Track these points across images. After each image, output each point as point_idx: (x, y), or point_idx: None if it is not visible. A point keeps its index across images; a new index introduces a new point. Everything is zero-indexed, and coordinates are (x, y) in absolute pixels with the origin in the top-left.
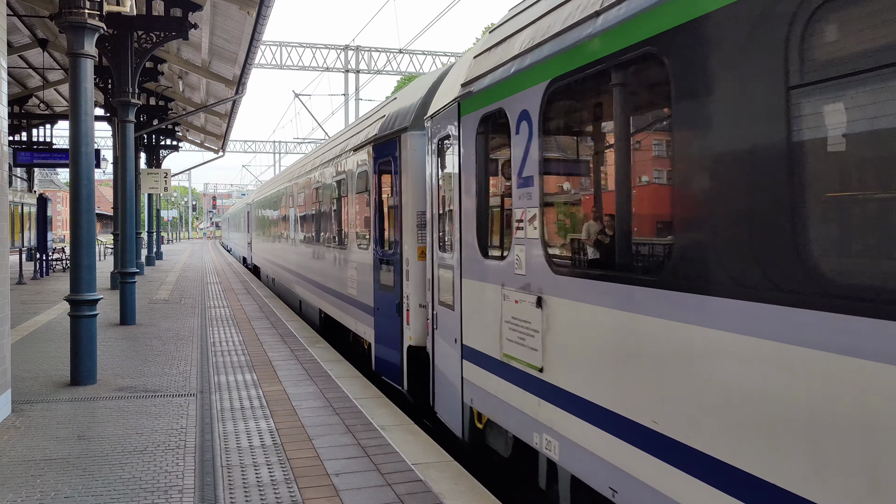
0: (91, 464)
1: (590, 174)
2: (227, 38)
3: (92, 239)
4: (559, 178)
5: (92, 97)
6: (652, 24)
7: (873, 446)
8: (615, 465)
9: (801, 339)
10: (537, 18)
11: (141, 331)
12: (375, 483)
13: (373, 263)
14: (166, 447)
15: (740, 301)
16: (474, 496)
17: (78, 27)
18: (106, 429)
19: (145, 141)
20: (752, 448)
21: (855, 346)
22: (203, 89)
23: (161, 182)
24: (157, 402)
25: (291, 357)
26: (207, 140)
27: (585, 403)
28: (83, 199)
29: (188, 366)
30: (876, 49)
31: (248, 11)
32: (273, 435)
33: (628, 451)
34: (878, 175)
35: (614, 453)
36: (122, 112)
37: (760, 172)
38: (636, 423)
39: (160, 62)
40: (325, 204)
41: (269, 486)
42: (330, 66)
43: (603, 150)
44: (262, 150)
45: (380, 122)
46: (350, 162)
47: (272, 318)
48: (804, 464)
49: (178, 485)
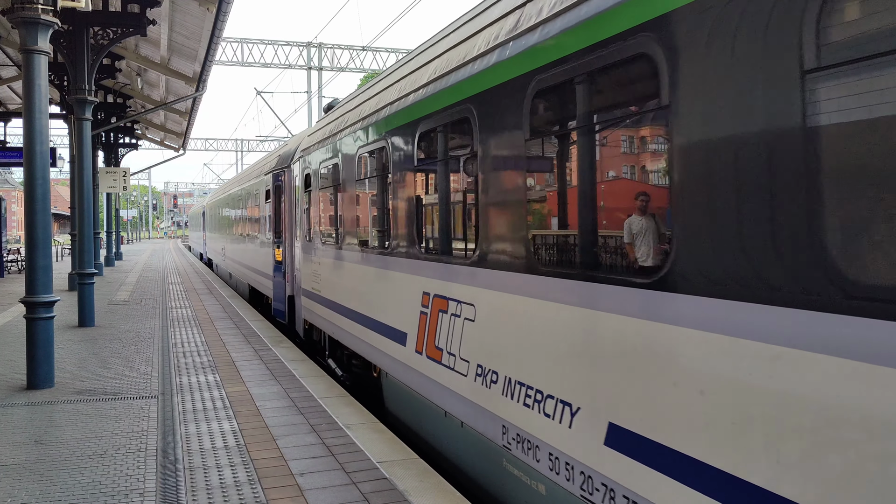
0: (48, 469)
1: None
2: (187, 35)
3: (48, 239)
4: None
5: (46, 94)
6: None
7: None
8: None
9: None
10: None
11: (100, 333)
12: (340, 482)
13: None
14: (127, 450)
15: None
16: (439, 493)
17: (31, 23)
18: (64, 433)
19: (103, 139)
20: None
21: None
22: (162, 86)
23: (120, 181)
24: (117, 404)
25: (255, 357)
26: (168, 138)
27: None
28: (38, 199)
29: (149, 367)
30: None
31: (207, 7)
32: (237, 436)
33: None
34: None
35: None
36: (78, 110)
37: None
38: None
39: (118, 59)
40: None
41: (232, 488)
42: (292, 64)
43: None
44: (224, 149)
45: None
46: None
47: (235, 319)
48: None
49: (139, 488)
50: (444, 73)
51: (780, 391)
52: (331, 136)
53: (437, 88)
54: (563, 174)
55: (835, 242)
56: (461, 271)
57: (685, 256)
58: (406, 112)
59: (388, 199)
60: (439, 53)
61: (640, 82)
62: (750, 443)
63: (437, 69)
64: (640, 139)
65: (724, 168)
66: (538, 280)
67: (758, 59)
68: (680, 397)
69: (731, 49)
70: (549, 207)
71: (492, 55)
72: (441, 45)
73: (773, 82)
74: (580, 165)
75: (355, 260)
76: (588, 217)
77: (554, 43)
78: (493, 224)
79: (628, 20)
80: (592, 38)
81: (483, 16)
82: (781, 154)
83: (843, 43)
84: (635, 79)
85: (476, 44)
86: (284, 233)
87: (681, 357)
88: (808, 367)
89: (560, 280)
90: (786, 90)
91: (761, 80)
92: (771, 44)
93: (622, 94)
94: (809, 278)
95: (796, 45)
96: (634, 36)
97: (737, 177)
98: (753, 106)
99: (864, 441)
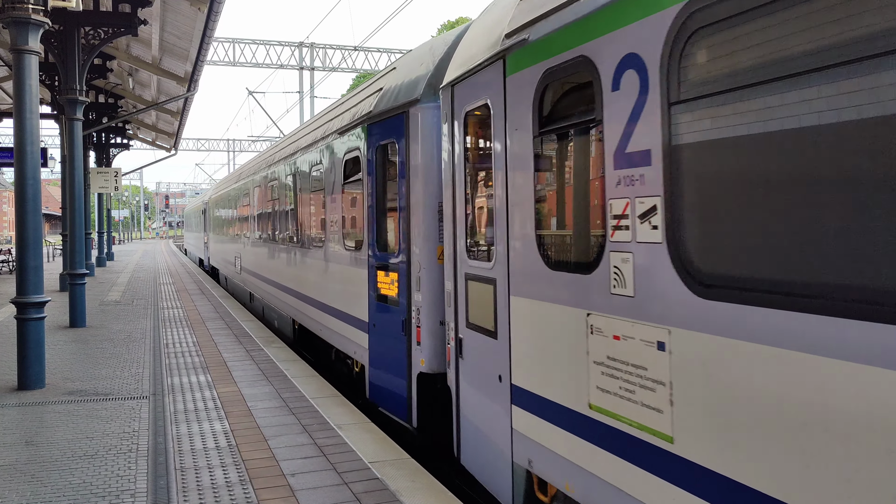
0: (39, 469)
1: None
2: (179, 35)
3: (39, 239)
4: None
5: (37, 94)
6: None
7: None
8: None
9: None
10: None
11: (91, 333)
12: (332, 482)
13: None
14: (118, 451)
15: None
16: (431, 493)
17: (21, 23)
18: (55, 434)
19: (94, 139)
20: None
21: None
22: (154, 87)
23: (111, 181)
24: (109, 405)
25: (247, 357)
26: (159, 138)
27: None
28: (29, 199)
29: (140, 368)
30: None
31: (199, 7)
32: (228, 436)
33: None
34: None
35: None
36: (69, 110)
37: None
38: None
39: (109, 59)
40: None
41: (223, 488)
42: (284, 64)
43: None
44: (216, 149)
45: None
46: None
47: (227, 319)
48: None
49: (130, 489)
50: None
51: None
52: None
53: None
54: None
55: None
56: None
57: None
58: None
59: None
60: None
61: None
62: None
63: None
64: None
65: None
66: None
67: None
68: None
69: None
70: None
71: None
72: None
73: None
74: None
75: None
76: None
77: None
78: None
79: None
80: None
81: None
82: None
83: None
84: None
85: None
86: (411, 243)
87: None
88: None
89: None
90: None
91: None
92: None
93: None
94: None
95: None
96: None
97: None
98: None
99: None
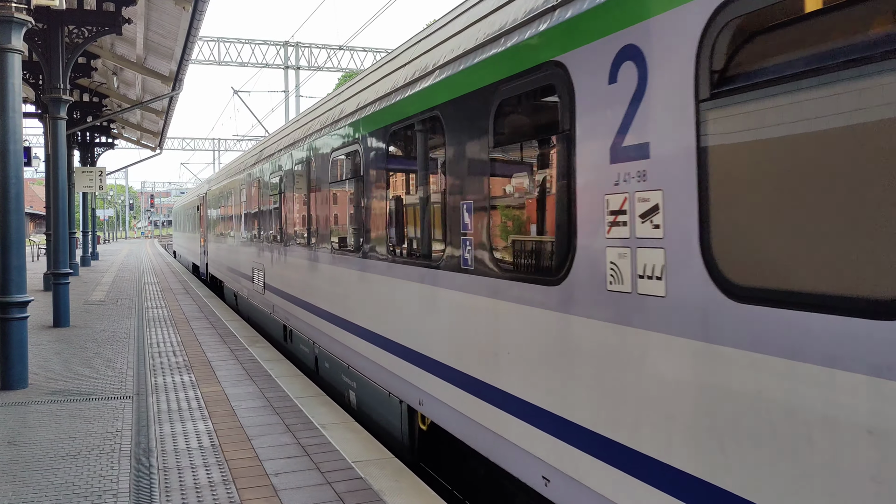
0: (21, 470)
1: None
2: (163, 34)
3: (21, 239)
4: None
5: (20, 93)
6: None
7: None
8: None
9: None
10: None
11: (75, 333)
12: (315, 482)
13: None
14: (100, 451)
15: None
16: (414, 493)
17: (4, 21)
18: (37, 434)
19: (79, 138)
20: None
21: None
22: (139, 86)
23: (96, 180)
24: (92, 405)
25: (231, 357)
26: (144, 137)
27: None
28: (12, 199)
29: (124, 368)
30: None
31: (183, 6)
32: (211, 436)
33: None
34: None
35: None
36: (53, 108)
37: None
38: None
39: (93, 57)
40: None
41: (206, 488)
42: (269, 63)
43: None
44: (201, 148)
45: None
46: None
47: (212, 318)
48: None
49: (112, 489)
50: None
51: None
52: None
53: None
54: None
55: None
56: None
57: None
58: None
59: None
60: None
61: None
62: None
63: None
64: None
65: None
66: None
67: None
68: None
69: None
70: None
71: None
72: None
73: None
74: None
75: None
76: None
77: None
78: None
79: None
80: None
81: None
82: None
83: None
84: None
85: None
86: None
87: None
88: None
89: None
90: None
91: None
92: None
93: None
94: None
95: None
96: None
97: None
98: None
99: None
